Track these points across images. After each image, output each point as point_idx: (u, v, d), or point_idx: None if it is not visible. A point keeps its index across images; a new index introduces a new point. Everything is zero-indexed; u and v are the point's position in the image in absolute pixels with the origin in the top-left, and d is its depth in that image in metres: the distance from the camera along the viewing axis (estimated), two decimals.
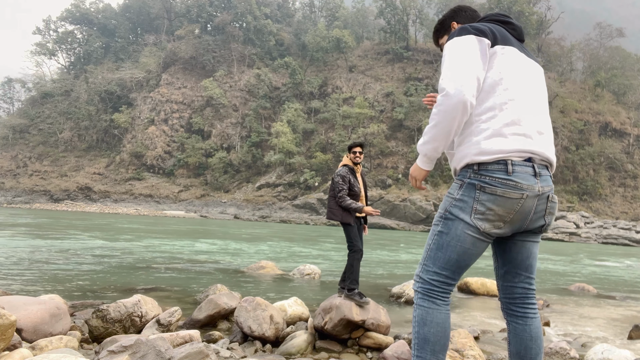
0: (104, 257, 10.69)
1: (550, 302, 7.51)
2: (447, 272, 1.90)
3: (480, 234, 1.84)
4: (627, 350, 3.90)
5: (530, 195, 1.80)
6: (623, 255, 25.45)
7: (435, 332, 1.86)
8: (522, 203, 1.80)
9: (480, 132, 1.83)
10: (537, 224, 1.90)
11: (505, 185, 1.78)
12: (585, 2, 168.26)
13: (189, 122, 72.07)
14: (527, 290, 2.01)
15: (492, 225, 1.82)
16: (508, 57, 1.88)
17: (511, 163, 1.79)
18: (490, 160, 1.80)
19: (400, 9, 72.42)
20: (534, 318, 1.99)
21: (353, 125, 62.32)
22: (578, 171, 58.30)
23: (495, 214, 1.80)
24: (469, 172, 1.85)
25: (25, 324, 3.34)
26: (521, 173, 1.79)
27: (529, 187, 1.80)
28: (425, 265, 1.94)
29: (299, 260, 12.54)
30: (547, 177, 1.88)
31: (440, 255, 1.90)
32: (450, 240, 1.87)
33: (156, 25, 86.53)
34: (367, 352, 4.06)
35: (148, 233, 20.73)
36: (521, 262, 1.99)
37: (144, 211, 55.97)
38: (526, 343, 1.96)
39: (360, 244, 4.72)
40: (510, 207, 1.80)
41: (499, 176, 1.79)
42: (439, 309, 1.89)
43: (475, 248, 1.87)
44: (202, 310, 4.58)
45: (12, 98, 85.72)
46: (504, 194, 1.78)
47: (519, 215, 1.82)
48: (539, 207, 1.85)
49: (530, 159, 1.83)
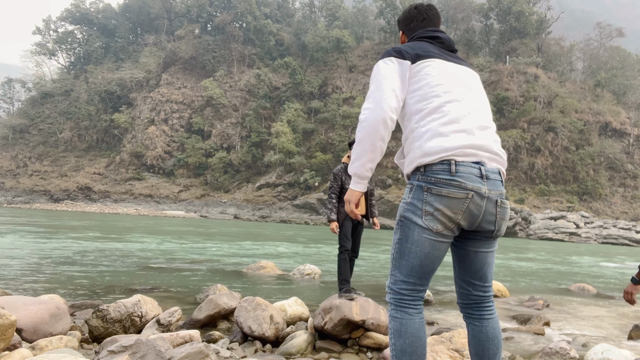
0: (104, 257, 10.69)
1: (550, 302, 7.51)
2: (413, 279, 1.91)
3: (435, 235, 1.85)
4: (627, 350, 3.90)
5: (477, 196, 1.82)
6: (623, 255, 25.45)
7: (411, 343, 1.88)
8: (468, 203, 1.82)
9: (422, 136, 1.89)
10: (487, 228, 1.90)
11: (449, 185, 1.81)
12: (585, 2, 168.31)
13: (189, 122, 72.08)
14: (481, 297, 2.04)
15: (443, 225, 1.84)
16: (435, 68, 1.98)
17: (454, 163, 1.82)
18: (435, 161, 1.84)
19: (400, 9, 72.38)
20: (490, 319, 2.03)
21: (353, 125, 62.29)
22: (578, 171, 58.29)
23: (443, 214, 1.82)
24: (417, 174, 1.89)
25: (25, 324, 3.34)
26: (465, 173, 1.82)
27: (475, 187, 1.81)
28: (393, 276, 1.96)
29: (299, 260, 12.54)
30: (496, 181, 1.89)
31: (404, 263, 1.91)
32: (410, 247, 1.89)
33: (156, 25, 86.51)
34: (367, 352, 4.06)
35: (148, 233, 20.73)
36: (475, 271, 2.01)
37: (144, 211, 55.97)
38: (483, 344, 2.00)
39: (348, 244, 4.74)
40: (456, 207, 1.82)
41: (443, 177, 1.82)
42: (412, 319, 1.90)
43: (435, 250, 1.88)
44: (202, 310, 4.58)
45: (12, 98, 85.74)
46: (449, 194, 1.81)
47: (467, 215, 1.83)
48: (488, 209, 1.86)
49: (478, 162, 1.86)
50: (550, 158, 59.01)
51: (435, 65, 1.98)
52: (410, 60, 1.97)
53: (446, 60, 2.02)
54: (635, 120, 63.92)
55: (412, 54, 1.99)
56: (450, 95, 1.93)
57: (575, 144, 60.21)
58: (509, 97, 61.80)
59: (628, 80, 70.52)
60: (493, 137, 1.96)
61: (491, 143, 1.92)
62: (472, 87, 2.02)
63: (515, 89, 63.09)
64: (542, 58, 70.25)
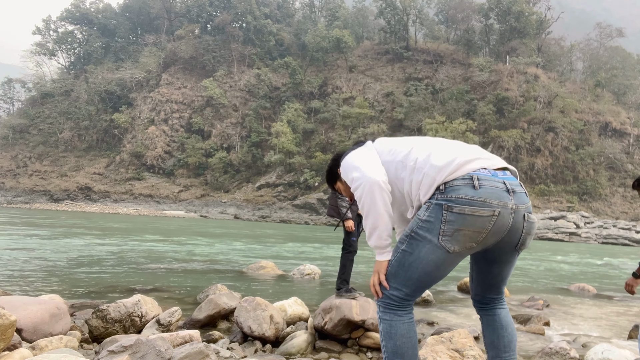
0: (104, 257, 10.70)
1: (550, 302, 7.51)
2: (406, 290, 1.87)
3: (448, 255, 1.77)
4: (627, 350, 3.90)
5: (504, 212, 1.71)
6: (623, 255, 25.45)
7: (402, 344, 1.87)
8: (495, 221, 1.70)
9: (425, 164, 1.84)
10: (512, 243, 1.84)
11: (474, 202, 1.69)
12: (585, 2, 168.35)
13: (189, 122, 72.07)
14: (494, 299, 2.08)
15: (461, 246, 1.75)
16: (390, 141, 2.06)
17: (477, 178, 1.72)
18: (455, 173, 1.75)
19: (400, 9, 72.40)
20: (503, 309, 2.07)
21: (353, 125, 62.31)
22: (578, 171, 58.29)
23: (465, 234, 1.72)
24: (435, 193, 1.78)
25: (25, 324, 3.34)
26: (490, 188, 1.71)
27: (501, 203, 1.71)
28: (389, 280, 1.91)
29: (299, 260, 12.54)
30: (522, 194, 1.81)
31: (401, 273, 1.85)
32: (413, 261, 1.82)
33: (156, 25, 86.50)
34: (367, 352, 4.06)
35: (148, 233, 20.73)
36: (494, 278, 2.03)
37: (144, 211, 55.97)
38: (498, 331, 2.03)
39: (356, 244, 4.73)
40: (481, 227, 1.70)
41: (465, 192, 1.70)
42: (402, 319, 1.88)
43: (437, 271, 1.82)
44: (202, 310, 4.58)
45: (12, 98, 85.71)
46: (473, 213, 1.69)
47: (492, 234, 1.73)
48: (515, 225, 1.77)
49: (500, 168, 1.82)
50: (550, 158, 59.00)
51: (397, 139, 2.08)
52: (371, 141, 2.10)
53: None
54: (635, 120, 63.91)
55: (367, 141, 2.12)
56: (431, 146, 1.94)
57: (575, 144, 60.20)
58: (509, 97, 61.80)
59: (628, 80, 70.50)
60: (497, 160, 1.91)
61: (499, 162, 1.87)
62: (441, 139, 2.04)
63: (515, 89, 63.08)
64: (542, 58, 70.24)
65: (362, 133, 59.65)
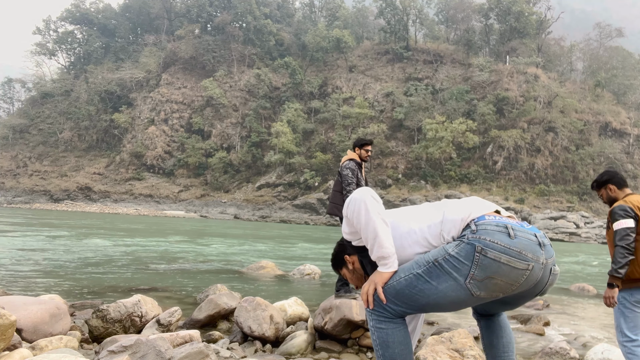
0: (104, 257, 10.69)
1: (550, 302, 7.51)
2: (405, 308, 1.80)
3: (471, 297, 1.68)
4: None
5: (536, 267, 1.65)
6: None
7: (400, 352, 1.81)
8: (527, 275, 1.63)
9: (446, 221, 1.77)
10: (535, 292, 1.80)
11: (510, 252, 1.60)
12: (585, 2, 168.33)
13: (189, 122, 72.06)
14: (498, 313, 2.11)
15: (490, 294, 1.67)
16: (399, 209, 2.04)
17: (511, 227, 1.64)
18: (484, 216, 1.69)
19: (400, 9, 72.38)
20: (500, 313, 2.10)
21: (353, 125, 62.29)
22: (578, 171, 58.27)
23: (496, 284, 1.63)
24: (466, 232, 1.67)
25: (25, 324, 3.34)
26: (524, 239, 1.64)
27: (535, 257, 1.64)
28: (386, 292, 1.81)
29: (299, 260, 12.53)
30: (549, 247, 1.75)
31: (406, 293, 1.76)
32: (427, 289, 1.72)
33: (156, 25, 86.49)
34: (367, 352, 4.06)
35: (148, 233, 20.72)
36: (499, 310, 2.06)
37: (144, 211, 55.97)
38: (497, 332, 2.04)
39: None
40: (514, 279, 1.63)
41: (501, 239, 1.61)
42: (398, 327, 1.82)
43: (451, 306, 1.76)
44: (202, 310, 4.58)
45: (12, 98, 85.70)
46: (509, 263, 1.60)
47: (522, 286, 1.68)
48: (543, 278, 1.72)
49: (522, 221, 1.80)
50: (550, 158, 58.99)
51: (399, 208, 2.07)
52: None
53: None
54: (635, 120, 63.88)
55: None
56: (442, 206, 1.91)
57: (575, 144, 60.19)
58: (509, 97, 61.81)
59: (628, 80, 70.45)
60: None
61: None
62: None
63: (515, 89, 63.08)
64: (542, 58, 70.21)
65: (362, 133, 59.65)
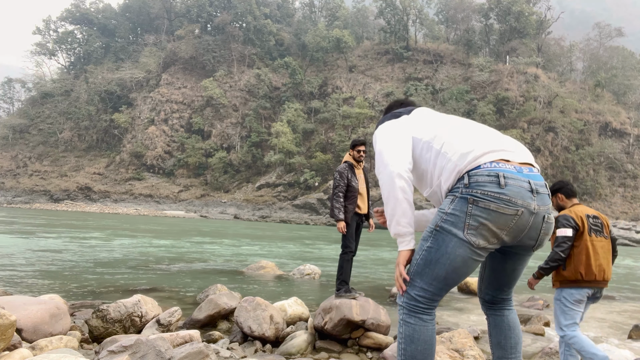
0: (104, 257, 10.69)
1: (550, 302, 7.51)
2: (433, 289, 1.83)
3: (473, 251, 1.76)
4: (627, 350, 3.90)
5: (526, 213, 1.73)
6: (623, 255, 25.44)
7: (423, 350, 1.83)
8: (517, 220, 1.72)
9: (454, 155, 1.84)
10: (529, 242, 1.85)
11: (499, 199, 1.70)
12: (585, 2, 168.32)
13: (189, 122, 72.07)
14: (504, 299, 2.08)
15: (486, 241, 1.75)
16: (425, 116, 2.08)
17: (503, 175, 1.72)
18: (479, 165, 1.77)
19: (400, 9, 72.38)
20: (510, 310, 2.07)
21: (353, 125, 62.30)
22: (578, 171, 58.27)
23: (488, 229, 1.73)
24: (459, 187, 1.78)
25: (25, 324, 3.34)
26: (515, 187, 1.72)
27: (525, 204, 1.72)
28: (412, 281, 1.86)
29: (299, 260, 12.53)
30: (545, 195, 1.81)
31: (427, 271, 1.82)
32: (439, 257, 1.79)
33: (156, 25, 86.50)
34: (367, 352, 4.06)
35: (148, 233, 20.72)
36: (507, 276, 2.03)
37: (144, 211, 55.97)
38: (505, 332, 2.03)
39: (353, 245, 4.72)
40: (504, 224, 1.72)
41: (491, 189, 1.71)
42: (426, 326, 1.84)
43: (465, 267, 1.80)
44: (202, 310, 4.58)
45: (12, 98, 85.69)
46: (498, 209, 1.70)
47: (513, 231, 1.75)
48: (535, 225, 1.78)
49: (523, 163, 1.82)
50: (550, 158, 58.99)
51: (425, 114, 2.10)
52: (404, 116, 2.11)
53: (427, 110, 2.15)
54: (635, 120, 63.89)
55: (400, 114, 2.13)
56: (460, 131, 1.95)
57: (575, 144, 60.20)
58: (509, 97, 61.82)
59: (628, 80, 70.45)
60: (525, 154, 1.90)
61: (527, 158, 1.87)
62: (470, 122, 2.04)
63: (515, 89, 63.10)
64: (542, 58, 70.21)
65: (362, 133, 59.66)
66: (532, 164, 1.87)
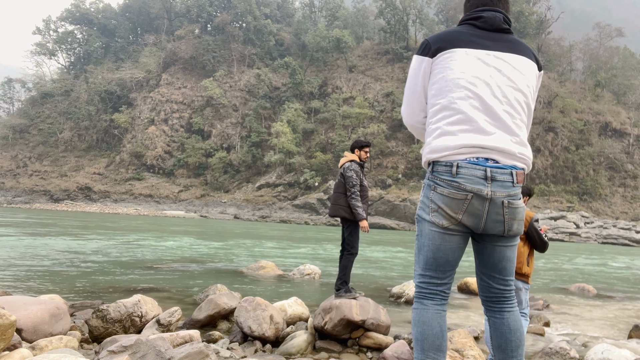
0: (104, 257, 10.70)
1: (550, 302, 7.51)
2: (430, 272, 1.99)
3: (443, 229, 1.93)
4: (627, 350, 3.90)
5: (476, 198, 1.85)
6: (623, 255, 25.44)
7: (422, 331, 1.95)
8: (467, 204, 1.86)
9: (432, 133, 1.97)
10: (497, 228, 1.91)
11: (450, 186, 1.88)
12: (585, 2, 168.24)
13: (189, 122, 72.07)
14: (502, 290, 2.05)
15: (448, 221, 1.91)
16: (456, 60, 1.92)
17: (457, 165, 1.86)
18: (440, 159, 1.91)
19: (400, 9, 72.37)
20: (511, 312, 2.04)
21: (353, 125, 62.30)
22: (578, 171, 58.28)
23: (445, 212, 1.90)
24: (427, 174, 2.00)
25: (25, 324, 3.34)
26: (466, 175, 1.85)
27: (474, 189, 1.84)
28: (415, 270, 2.06)
29: (299, 260, 12.53)
30: (504, 182, 1.86)
31: (421, 257, 2.02)
32: (424, 241, 1.99)
33: (156, 25, 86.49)
34: (367, 352, 4.06)
35: (148, 233, 20.73)
36: (494, 265, 2.02)
37: (144, 211, 55.96)
38: (506, 336, 2.02)
39: (358, 245, 4.71)
40: (456, 207, 1.88)
41: (445, 177, 1.89)
42: (427, 309, 1.97)
43: (446, 242, 1.94)
44: (202, 310, 4.58)
45: (12, 98, 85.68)
46: (449, 195, 1.88)
47: (469, 215, 1.88)
48: (493, 211, 1.87)
49: (487, 158, 1.86)
50: (550, 158, 59.01)
51: (456, 56, 1.92)
52: (430, 55, 1.97)
53: (476, 48, 1.92)
54: (635, 120, 63.89)
55: (433, 48, 1.96)
56: (465, 91, 1.88)
57: (575, 144, 60.20)
58: None
59: (628, 80, 70.45)
60: (511, 137, 1.89)
61: (506, 143, 1.87)
62: (499, 80, 1.90)
63: None
64: (542, 58, 70.18)
65: (362, 133, 59.66)
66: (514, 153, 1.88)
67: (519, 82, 1.93)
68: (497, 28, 1.98)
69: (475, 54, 1.92)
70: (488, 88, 1.89)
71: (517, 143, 1.90)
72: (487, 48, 1.93)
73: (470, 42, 1.94)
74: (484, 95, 1.88)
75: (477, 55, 1.92)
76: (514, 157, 1.88)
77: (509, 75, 1.92)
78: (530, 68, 1.98)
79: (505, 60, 1.93)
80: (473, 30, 1.98)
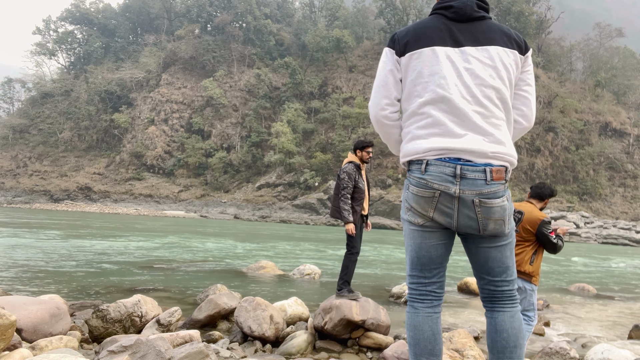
0: (104, 257, 10.69)
1: (550, 302, 7.51)
2: (416, 272, 2.00)
3: (421, 227, 1.94)
4: (627, 350, 3.90)
5: (444, 196, 1.83)
6: (623, 255, 25.44)
7: (414, 335, 1.95)
8: (436, 202, 1.86)
9: (405, 137, 1.98)
10: (471, 227, 1.87)
11: (419, 184, 1.88)
12: (585, 2, 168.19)
13: (189, 122, 72.07)
14: (492, 291, 2.00)
15: (422, 219, 1.93)
16: (422, 61, 1.86)
17: (426, 163, 1.86)
18: (413, 160, 1.92)
19: (400, 9, 72.38)
20: (501, 312, 1.97)
21: (353, 125, 62.30)
22: (578, 171, 58.28)
23: (416, 210, 1.92)
24: (406, 174, 2.00)
25: (25, 324, 3.34)
26: (434, 173, 1.84)
27: (441, 187, 1.83)
28: (406, 272, 2.07)
29: (299, 260, 12.53)
30: (476, 180, 1.79)
31: (407, 258, 2.03)
32: (407, 242, 2.01)
33: (156, 25, 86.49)
34: (367, 352, 4.06)
35: (148, 233, 20.72)
36: (480, 266, 2.00)
37: (144, 211, 55.96)
38: (492, 335, 1.98)
39: (359, 246, 4.71)
40: (426, 205, 1.89)
41: (416, 175, 1.90)
42: (417, 312, 1.98)
43: (427, 240, 1.94)
44: (202, 310, 4.58)
45: (12, 98, 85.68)
46: (418, 193, 1.89)
47: (440, 213, 1.87)
48: (463, 209, 1.83)
49: (458, 159, 1.80)
50: (550, 158, 59.00)
51: (424, 57, 1.85)
52: (398, 53, 1.91)
53: (445, 46, 1.84)
54: (635, 120, 63.91)
55: (401, 43, 1.90)
56: (433, 95, 1.83)
57: (575, 144, 60.20)
58: None
59: (628, 80, 70.48)
60: (484, 137, 1.81)
61: (477, 144, 1.80)
62: (472, 77, 1.83)
63: None
64: (542, 58, 70.22)
65: (362, 133, 59.65)
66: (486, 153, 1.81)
67: (490, 78, 1.84)
68: (468, 18, 1.88)
69: (444, 52, 1.84)
70: (456, 89, 1.82)
71: (492, 142, 1.82)
72: (457, 44, 1.85)
73: (438, 39, 1.86)
74: (452, 97, 1.82)
75: (445, 54, 1.84)
76: (487, 156, 1.80)
77: (478, 73, 1.83)
78: (506, 57, 1.87)
79: (475, 56, 1.84)
80: (443, 23, 1.88)
